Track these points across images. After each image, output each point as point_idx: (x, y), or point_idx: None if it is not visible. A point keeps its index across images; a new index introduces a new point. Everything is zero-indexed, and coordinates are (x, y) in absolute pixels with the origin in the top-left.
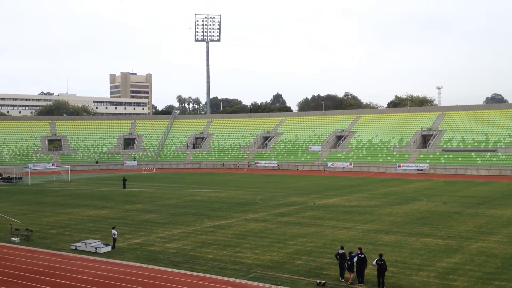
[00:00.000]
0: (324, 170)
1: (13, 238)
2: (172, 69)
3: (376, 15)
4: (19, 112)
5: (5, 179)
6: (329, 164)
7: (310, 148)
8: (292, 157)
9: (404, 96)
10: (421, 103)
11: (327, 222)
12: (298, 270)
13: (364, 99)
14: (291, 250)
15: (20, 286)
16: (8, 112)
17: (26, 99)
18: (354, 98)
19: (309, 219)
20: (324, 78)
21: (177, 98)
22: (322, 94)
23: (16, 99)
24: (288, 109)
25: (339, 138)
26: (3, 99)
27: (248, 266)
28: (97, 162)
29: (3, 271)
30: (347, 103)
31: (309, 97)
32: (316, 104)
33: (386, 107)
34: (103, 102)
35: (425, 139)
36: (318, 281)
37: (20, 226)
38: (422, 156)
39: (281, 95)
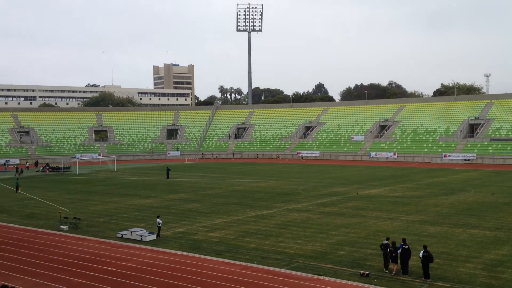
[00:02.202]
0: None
1: (62, 226)
2: (214, 59)
3: (422, 1)
4: (67, 104)
5: (54, 169)
6: (372, 154)
7: (353, 138)
8: (335, 147)
9: (450, 84)
10: (469, 91)
11: (370, 212)
12: (341, 260)
13: (409, 88)
14: (333, 241)
15: (69, 273)
16: (56, 103)
17: (74, 91)
18: (399, 87)
19: (352, 210)
20: (368, 67)
21: (219, 88)
22: (365, 83)
23: (63, 91)
24: (331, 99)
25: (382, 127)
26: (52, 91)
27: (291, 256)
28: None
29: (53, 258)
30: (391, 92)
31: (352, 86)
32: (359, 93)
33: (432, 96)
34: (147, 93)
35: (472, 128)
36: (361, 272)
37: (69, 215)
38: (469, 145)
39: (323, 84)
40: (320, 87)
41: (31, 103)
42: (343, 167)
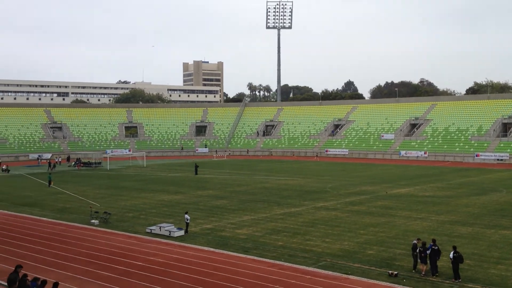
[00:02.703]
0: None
1: (93, 221)
2: (243, 57)
3: None
4: (98, 100)
5: (86, 164)
6: (402, 152)
7: (383, 136)
8: (364, 145)
9: (483, 83)
10: (502, 89)
11: (399, 212)
12: (369, 260)
13: (441, 86)
14: (362, 240)
15: (99, 267)
16: (88, 100)
17: (105, 88)
18: (430, 84)
19: (380, 209)
20: (398, 64)
21: (247, 85)
22: (395, 81)
23: (95, 88)
24: (360, 96)
25: (413, 126)
26: (84, 87)
27: (318, 255)
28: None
29: (83, 252)
30: (422, 90)
31: (382, 84)
32: (389, 91)
33: (464, 94)
34: (176, 90)
35: (505, 128)
36: (390, 272)
37: (99, 209)
38: (502, 145)
39: (352, 82)
40: (349, 85)
41: (63, 99)
42: (372, 165)
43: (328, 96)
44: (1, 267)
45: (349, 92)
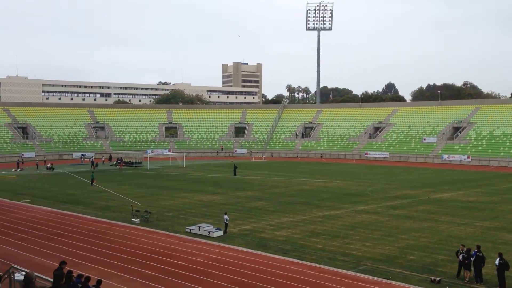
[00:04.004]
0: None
1: (134, 219)
2: (282, 58)
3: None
4: (139, 101)
5: (127, 163)
6: (445, 156)
7: (424, 139)
8: (405, 148)
9: None
10: None
11: (442, 217)
12: (411, 265)
13: (485, 89)
14: (403, 245)
15: (140, 265)
16: (129, 100)
17: (146, 88)
18: (474, 87)
19: (422, 213)
20: (441, 66)
21: (286, 87)
22: (438, 83)
23: (136, 88)
24: (401, 99)
25: (456, 129)
26: (125, 88)
27: (358, 259)
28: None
29: (125, 250)
30: (465, 93)
31: (424, 86)
32: (432, 94)
33: (510, 97)
34: (215, 91)
35: None
36: (432, 278)
37: (140, 208)
38: None
39: (393, 84)
40: (390, 87)
41: (106, 100)
42: (413, 169)
43: (368, 98)
44: (46, 263)
45: (389, 95)
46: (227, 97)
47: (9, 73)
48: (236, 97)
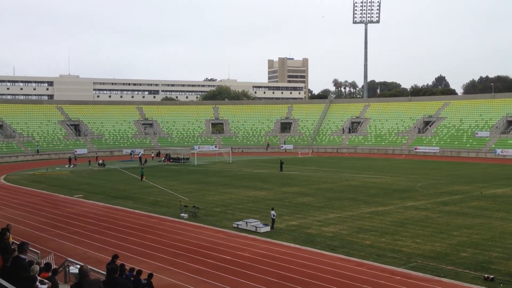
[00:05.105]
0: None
1: (182, 214)
2: (329, 52)
3: None
4: (186, 97)
5: (174, 160)
6: (498, 151)
7: (477, 133)
8: (456, 143)
9: None
10: None
11: (495, 213)
12: (463, 262)
13: None
14: (455, 241)
15: (188, 259)
16: (177, 97)
17: (193, 85)
18: None
19: (474, 210)
20: (494, 58)
21: (333, 82)
22: (491, 76)
23: (183, 85)
24: (452, 92)
25: (510, 123)
26: (173, 85)
27: (408, 255)
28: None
29: (174, 244)
30: None
31: (476, 78)
32: (484, 87)
33: None
34: (261, 87)
35: None
36: (486, 275)
37: (188, 203)
38: None
39: (444, 77)
40: (440, 80)
41: (154, 97)
42: (465, 164)
43: (417, 92)
44: (99, 256)
45: (440, 88)
46: (273, 92)
47: (62, 72)
48: (282, 93)
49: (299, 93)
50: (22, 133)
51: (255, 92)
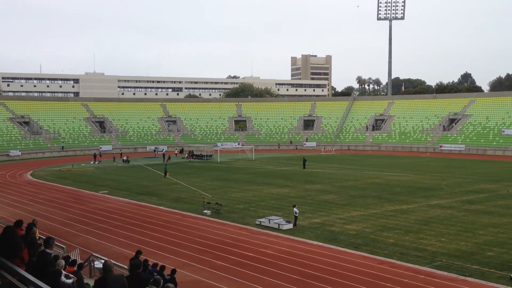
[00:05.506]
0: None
1: (205, 211)
2: (352, 49)
3: None
4: (209, 95)
5: (197, 156)
6: None
7: (504, 131)
8: (482, 141)
9: None
10: None
11: None
12: (489, 262)
13: None
14: (480, 240)
15: (211, 255)
16: (200, 94)
17: (216, 83)
18: None
19: (501, 208)
20: None
21: (356, 79)
22: None
23: (206, 83)
24: (478, 89)
25: None
26: (196, 82)
27: (433, 254)
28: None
29: (197, 240)
30: None
31: (503, 76)
32: (511, 84)
33: None
34: (284, 84)
35: None
36: None
37: (211, 200)
38: None
39: (470, 74)
40: (466, 77)
41: (177, 94)
42: (492, 162)
43: (443, 89)
44: (123, 252)
45: (466, 85)
46: (296, 90)
47: (87, 70)
48: (305, 90)
49: (322, 90)
50: (49, 129)
51: (278, 90)
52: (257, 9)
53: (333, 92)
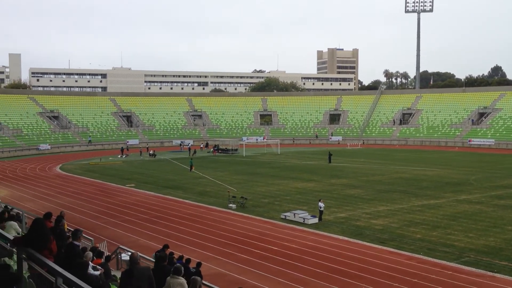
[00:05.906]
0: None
1: (231, 205)
2: (380, 43)
3: None
4: (235, 89)
5: (223, 151)
6: None
7: None
8: None
9: None
10: None
11: None
12: None
13: None
14: (509, 236)
15: (236, 249)
16: (225, 88)
17: (241, 77)
18: None
19: None
20: None
21: (383, 72)
22: None
23: (232, 77)
24: (509, 83)
25: None
26: (222, 77)
27: (460, 250)
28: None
29: (222, 234)
30: None
31: None
32: None
33: None
34: (310, 78)
35: None
36: None
37: (236, 194)
38: None
39: (500, 67)
40: (497, 70)
41: (203, 88)
42: None
43: (472, 83)
44: (150, 244)
45: (496, 78)
46: (322, 84)
47: (115, 65)
48: (331, 84)
49: (349, 84)
50: (77, 124)
51: (304, 84)
52: (284, 2)
53: (359, 86)
